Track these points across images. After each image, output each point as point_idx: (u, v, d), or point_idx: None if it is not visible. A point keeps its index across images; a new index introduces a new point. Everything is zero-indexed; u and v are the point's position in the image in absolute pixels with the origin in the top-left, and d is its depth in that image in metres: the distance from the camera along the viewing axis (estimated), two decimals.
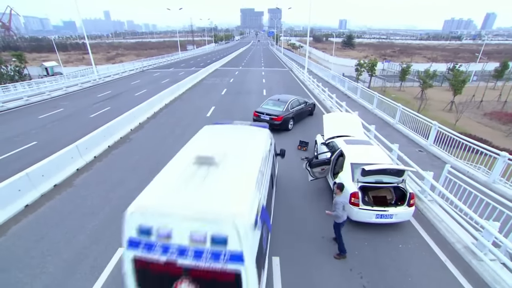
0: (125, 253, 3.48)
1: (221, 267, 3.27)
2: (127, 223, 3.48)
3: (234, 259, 3.26)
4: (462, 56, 76.29)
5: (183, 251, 3.31)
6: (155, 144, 12.30)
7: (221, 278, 3.32)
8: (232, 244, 3.23)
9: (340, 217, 5.65)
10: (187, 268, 3.33)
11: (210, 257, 3.27)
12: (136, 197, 3.78)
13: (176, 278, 3.40)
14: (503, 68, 40.78)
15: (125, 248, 3.47)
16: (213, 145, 5.35)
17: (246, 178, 4.20)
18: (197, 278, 3.37)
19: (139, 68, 41.84)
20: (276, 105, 13.87)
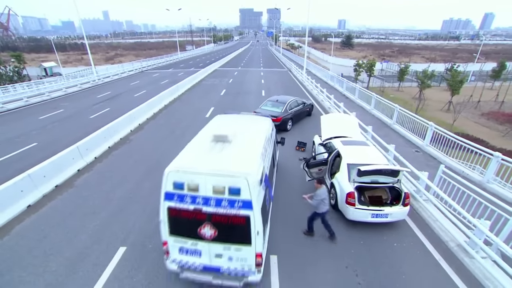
0: (162, 204, 4.68)
1: (235, 212, 4.47)
2: (165, 180, 4.59)
3: (245, 206, 4.44)
4: (461, 56, 76.63)
5: (207, 200, 4.50)
6: (154, 145, 12.42)
7: (235, 221, 4.52)
8: (244, 194, 4.39)
9: (316, 207, 6.16)
10: (209, 214, 4.55)
11: (227, 204, 4.46)
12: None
13: (200, 223, 4.64)
14: (501, 69, 41.02)
15: (162, 200, 4.67)
16: (225, 128, 6.31)
17: (253, 150, 5.41)
18: (217, 223, 4.58)
19: (138, 69, 41.93)
20: (275, 106, 14.10)
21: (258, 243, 4.65)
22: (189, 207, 4.58)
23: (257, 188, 4.52)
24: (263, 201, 4.91)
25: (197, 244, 4.85)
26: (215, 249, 4.82)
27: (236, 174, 4.43)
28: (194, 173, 4.50)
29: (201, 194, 4.50)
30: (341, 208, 7.20)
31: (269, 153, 6.32)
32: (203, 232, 4.71)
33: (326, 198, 6.08)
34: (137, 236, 6.64)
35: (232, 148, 5.33)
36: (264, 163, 5.41)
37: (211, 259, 4.91)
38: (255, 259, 4.77)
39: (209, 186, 4.44)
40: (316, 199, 6.04)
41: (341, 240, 6.57)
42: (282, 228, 6.91)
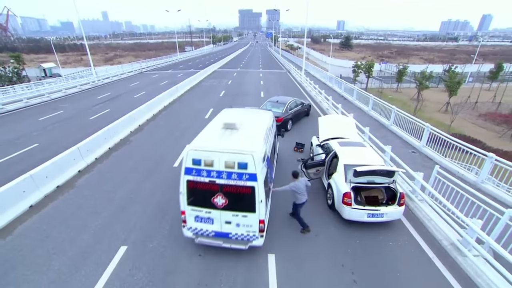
0: (182, 178, 5.67)
1: (243, 183, 5.48)
2: (185, 158, 5.62)
3: (251, 178, 5.44)
4: (459, 57, 77.01)
5: (220, 174, 5.51)
6: (154, 146, 12.55)
7: (243, 191, 5.53)
8: (250, 168, 5.40)
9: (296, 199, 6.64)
10: (221, 185, 5.55)
11: (236, 177, 5.47)
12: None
13: (213, 194, 5.65)
14: (498, 70, 41.36)
15: (182, 174, 5.66)
16: (233, 118, 7.10)
17: (257, 135, 6.54)
18: (228, 193, 5.60)
19: (137, 70, 42.05)
20: (275, 107, 14.45)
21: (261, 211, 5.64)
22: (204, 180, 5.59)
23: (260, 164, 5.54)
24: (265, 176, 5.93)
25: (210, 213, 5.83)
26: (225, 216, 5.80)
27: (244, 152, 5.43)
28: (210, 151, 5.53)
29: (215, 168, 5.50)
30: (337, 208, 7.34)
31: (270, 140, 7.43)
32: (216, 201, 5.70)
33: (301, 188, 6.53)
34: (138, 236, 6.77)
35: (240, 133, 6.45)
36: (266, 147, 6.48)
37: (222, 226, 5.91)
38: (259, 225, 5.75)
39: (221, 162, 5.45)
40: (286, 188, 6.50)
41: (337, 239, 6.72)
42: (280, 228, 7.06)
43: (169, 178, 9.55)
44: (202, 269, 5.83)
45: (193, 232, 6.07)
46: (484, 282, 5.42)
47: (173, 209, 7.83)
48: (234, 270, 5.79)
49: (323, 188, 8.62)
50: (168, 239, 6.68)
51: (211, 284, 5.45)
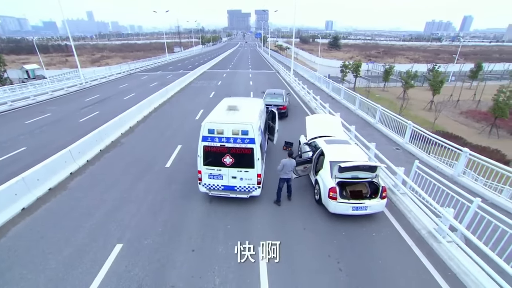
0: (200, 144, 7.56)
1: (245, 146, 7.47)
2: (202, 129, 7.48)
3: (251, 141, 7.44)
4: (442, 57, 79.53)
5: (228, 139, 7.47)
6: (145, 147, 12.68)
7: (245, 151, 7.52)
8: (250, 134, 7.39)
9: (279, 171, 7.87)
10: (229, 148, 7.52)
11: (240, 141, 7.45)
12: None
13: (223, 155, 7.60)
14: (478, 69, 43.13)
15: (200, 141, 7.54)
16: (234, 103, 9.01)
17: (253, 114, 8.50)
18: (234, 153, 7.56)
19: (126, 71, 41.64)
20: (275, 98, 17.19)
21: (258, 166, 7.61)
22: (216, 144, 7.51)
23: (257, 131, 7.53)
24: (261, 142, 7.94)
25: (221, 170, 7.74)
26: (232, 172, 7.73)
27: (245, 122, 7.47)
28: (221, 123, 7.51)
29: (225, 135, 7.42)
30: (324, 203, 7.73)
31: (262, 119, 9.44)
32: (225, 160, 7.61)
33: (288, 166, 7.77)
34: (133, 234, 6.96)
35: (240, 112, 8.48)
36: (260, 121, 8.53)
37: (229, 181, 7.85)
38: (257, 178, 7.70)
39: (229, 130, 7.40)
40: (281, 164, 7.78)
41: (324, 231, 7.11)
42: (269, 222, 7.41)
43: (162, 179, 9.74)
44: (196, 263, 6.09)
45: (207, 188, 7.99)
46: (455, 264, 5.94)
47: (167, 208, 8.06)
48: (226, 262, 6.07)
49: (311, 184, 9.00)
50: (162, 236, 6.91)
51: (204, 276, 5.72)
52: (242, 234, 6.94)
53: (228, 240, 6.77)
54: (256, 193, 7.90)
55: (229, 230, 7.14)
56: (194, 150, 7.87)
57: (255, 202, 8.23)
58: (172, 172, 10.24)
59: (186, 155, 11.49)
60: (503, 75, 50.33)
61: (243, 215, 7.74)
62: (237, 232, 7.04)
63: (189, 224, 7.40)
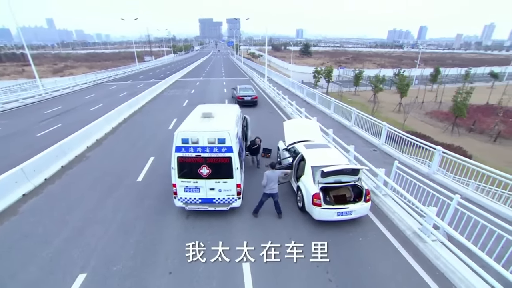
0: (173, 155, 6.97)
1: (222, 155, 6.97)
2: (175, 139, 6.90)
3: (228, 150, 6.96)
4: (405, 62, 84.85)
5: (204, 149, 6.93)
6: (115, 160, 11.70)
7: (222, 161, 7.02)
8: (227, 142, 6.92)
9: (264, 186, 7.27)
10: (206, 158, 6.99)
11: (217, 150, 6.93)
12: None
13: (199, 165, 7.06)
14: (436, 73, 46.47)
15: (173, 152, 6.95)
16: (208, 110, 8.50)
17: (229, 120, 8.08)
18: (210, 163, 7.04)
19: (92, 81, 39.33)
20: (247, 91, 22.44)
21: (237, 176, 7.15)
22: (192, 155, 6.97)
23: (235, 139, 7.10)
24: (239, 150, 7.50)
25: (197, 182, 7.19)
26: (209, 184, 7.22)
27: (221, 130, 7.00)
28: (195, 132, 6.98)
29: (200, 145, 6.90)
30: (308, 210, 7.43)
31: (239, 126, 9.10)
32: (201, 171, 7.09)
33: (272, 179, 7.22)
34: (99, 260, 6.14)
35: (216, 120, 8.02)
36: (237, 128, 8.14)
37: (207, 193, 7.32)
38: (236, 188, 7.25)
39: (205, 139, 6.88)
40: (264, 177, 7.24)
41: (311, 239, 6.76)
42: (252, 234, 6.95)
43: (133, 194, 8.93)
44: (174, 287, 5.45)
45: (183, 202, 7.42)
46: (442, 263, 5.89)
47: (140, 226, 7.31)
48: (208, 283, 5.51)
49: (293, 192, 8.70)
50: (135, 259, 6.17)
51: None
52: (224, 250, 6.40)
53: (209, 257, 6.21)
54: (237, 205, 7.45)
55: (209, 247, 6.56)
56: (168, 162, 7.24)
57: (235, 214, 7.74)
58: (145, 186, 9.45)
59: (160, 167, 10.73)
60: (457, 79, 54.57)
61: (224, 228, 7.20)
62: None
63: (165, 243, 6.73)
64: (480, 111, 32.32)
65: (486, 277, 4.95)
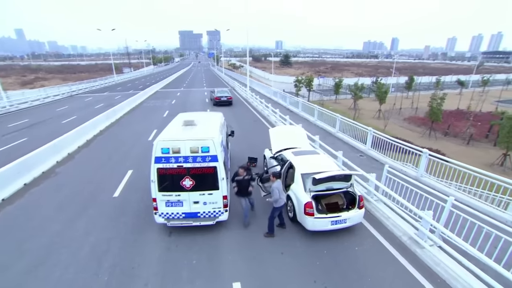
0: (152, 167, 6.32)
1: (206, 164, 6.42)
2: (154, 149, 6.28)
3: (213, 159, 6.41)
4: (381, 71, 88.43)
5: (186, 158, 6.36)
6: (89, 175, 10.75)
7: (207, 171, 6.47)
8: (211, 151, 6.38)
9: (277, 200, 6.55)
10: (188, 168, 6.40)
11: (201, 159, 6.39)
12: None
13: (182, 177, 6.46)
14: (411, 81, 48.71)
15: (152, 164, 6.31)
16: (190, 118, 8.05)
17: (213, 128, 7.63)
18: (194, 174, 6.46)
19: (66, 93, 37.39)
20: (223, 93, 26.50)
21: (224, 187, 6.61)
22: (173, 165, 6.37)
23: (219, 147, 6.56)
24: (224, 158, 6.97)
25: (180, 195, 6.58)
26: (193, 197, 6.63)
27: (205, 138, 6.48)
28: (176, 140, 6.40)
29: (182, 154, 6.33)
30: (300, 220, 7.01)
31: (223, 134, 8.44)
32: (184, 183, 6.50)
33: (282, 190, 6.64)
34: None
35: (198, 127, 7.60)
36: (222, 136, 7.54)
37: (191, 207, 6.71)
38: (223, 200, 6.69)
39: (187, 148, 6.31)
40: (274, 193, 6.50)
41: (304, 253, 6.33)
42: (241, 250, 6.40)
43: (108, 211, 8.11)
44: None
45: (165, 217, 6.75)
46: (443, 269, 5.64)
47: (115, 248, 6.54)
48: None
49: None
50: (108, 287, 5.41)
51: None
52: (211, 270, 5.80)
53: (195, 279, 5.59)
54: (223, 218, 6.86)
55: (195, 267, 5.94)
56: (147, 175, 6.57)
57: (222, 228, 7.16)
58: (122, 203, 8.64)
59: (139, 181, 9.95)
60: (429, 86, 57.50)
61: (210, 245, 6.59)
62: (205, 268, 5.88)
63: (144, 265, 6.00)
64: (453, 116, 33.84)
65: (490, 281, 4.70)
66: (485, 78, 57.24)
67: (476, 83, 59.81)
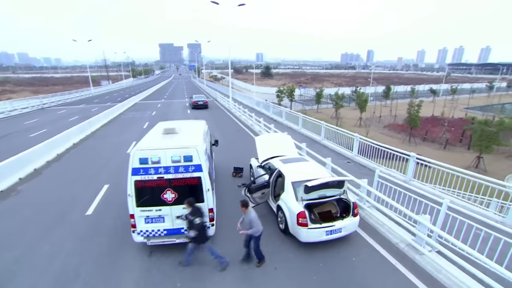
0: (129, 179, 5.65)
1: (190, 175, 5.85)
2: (131, 158, 5.64)
3: (196, 169, 5.86)
4: (359, 81, 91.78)
5: (167, 169, 5.77)
6: (58, 193, 9.75)
7: (190, 182, 5.87)
8: (195, 160, 5.84)
9: (259, 230, 5.56)
10: (170, 180, 5.79)
11: (183, 170, 5.82)
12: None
13: (163, 190, 5.80)
14: (388, 90, 50.78)
15: (129, 176, 5.65)
16: (171, 126, 7.37)
17: (196, 135, 7.13)
18: (176, 186, 5.83)
19: (36, 106, 35.25)
20: (200, 98, 31.04)
21: (209, 199, 6.01)
22: (153, 177, 5.75)
23: (203, 156, 6.03)
24: (209, 168, 6.53)
25: (161, 210, 5.93)
26: (176, 211, 5.96)
27: (188, 146, 5.95)
28: (156, 149, 5.81)
29: (162, 164, 5.76)
30: (292, 231, 6.56)
31: (207, 143, 7.97)
32: (165, 197, 5.87)
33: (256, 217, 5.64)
34: None
35: (180, 135, 7.03)
36: (206, 145, 7.03)
37: (173, 222, 6.06)
38: (208, 214, 6.03)
39: (168, 157, 5.76)
40: (254, 224, 5.46)
41: (299, 267, 5.85)
42: (230, 268, 5.80)
43: (79, 232, 7.25)
44: None
45: (144, 235, 6.07)
46: (445, 276, 5.38)
47: (86, 273, 5.75)
48: None
49: (272, 212, 7.81)
50: None
51: None
52: None
53: None
54: (210, 233, 6.11)
55: None
56: (126, 189, 5.88)
57: None
58: (95, 221, 7.80)
59: (115, 196, 9.12)
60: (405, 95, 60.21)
61: (196, 265, 5.95)
62: None
63: None
64: (429, 122, 35.24)
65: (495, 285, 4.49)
66: (453, 87, 60.90)
67: (446, 92, 63.45)
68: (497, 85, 72.26)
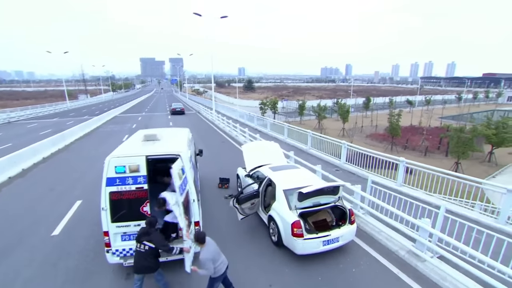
0: (103, 190, 5.03)
1: None
2: (106, 167, 5.05)
3: None
4: (340, 94, 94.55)
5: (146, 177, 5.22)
6: (18, 212, 8.64)
7: None
8: None
9: (215, 271, 4.28)
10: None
11: None
12: None
13: (142, 202, 5.20)
14: (368, 102, 52.61)
15: (103, 187, 5.03)
16: (152, 133, 6.66)
17: (180, 142, 6.58)
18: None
19: (2, 120, 32.88)
20: (178, 105, 37.81)
21: (195, 211, 5.42)
22: (131, 188, 5.10)
23: (188, 163, 5.51)
24: (194, 177, 5.91)
25: (140, 225, 5.13)
26: None
27: (172, 153, 5.41)
28: (135, 156, 5.16)
29: (142, 173, 5.10)
30: (287, 243, 6.04)
31: (192, 151, 7.49)
32: (145, 209, 5.21)
33: (217, 253, 4.39)
34: None
35: (162, 142, 6.41)
36: (190, 152, 6.53)
37: None
38: (194, 228, 5.37)
39: None
40: (207, 265, 4.16)
41: (298, 282, 5.31)
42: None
43: (42, 255, 6.32)
44: None
45: (121, 255, 5.35)
46: (452, 284, 5.02)
47: None
48: None
49: (262, 224, 7.27)
50: None
51: None
52: None
53: None
54: (196, 249, 5.19)
55: None
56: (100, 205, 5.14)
57: (196, 261, 5.85)
58: (63, 242, 6.87)
59: (89, 213, 8.21)
60: (384, 106, 62.66)
61: (181, 285, 5.25)
62: None
63: None
64: (408, 131, 36.43)
65: None
66: (427, 98, 64.30)
67: (421, 103, 66.70)
68: (465, 97, 77.35)
